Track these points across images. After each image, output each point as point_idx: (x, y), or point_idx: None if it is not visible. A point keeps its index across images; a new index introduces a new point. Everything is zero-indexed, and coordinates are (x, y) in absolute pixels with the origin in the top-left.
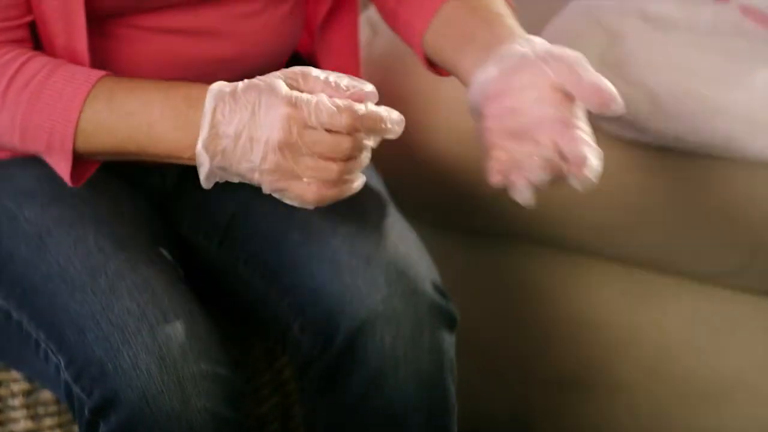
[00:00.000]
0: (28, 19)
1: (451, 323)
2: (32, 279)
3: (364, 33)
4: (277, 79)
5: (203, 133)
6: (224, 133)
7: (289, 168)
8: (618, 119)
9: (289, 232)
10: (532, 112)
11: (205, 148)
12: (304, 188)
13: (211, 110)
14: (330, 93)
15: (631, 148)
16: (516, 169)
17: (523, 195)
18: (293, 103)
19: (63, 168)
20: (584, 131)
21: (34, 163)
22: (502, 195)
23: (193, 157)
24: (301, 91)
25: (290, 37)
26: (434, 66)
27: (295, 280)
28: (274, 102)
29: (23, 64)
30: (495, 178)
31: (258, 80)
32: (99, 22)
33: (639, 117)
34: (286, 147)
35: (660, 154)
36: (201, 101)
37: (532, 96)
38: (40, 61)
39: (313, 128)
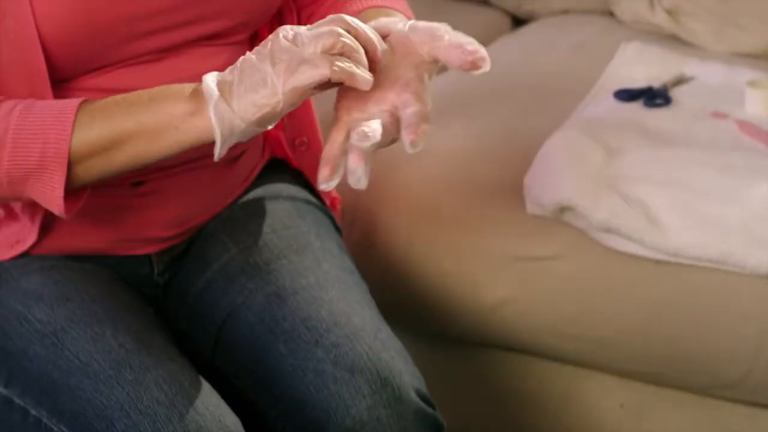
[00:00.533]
0: None
1: (437, 430)
2: (51, 375)
3: None
4: None
5: (210, 75)
6: (230, 73)
7: (297, 52)
8: (617, 234)
9: (273, 344)
10: (381, 75)
11: (213, 82)
12: (314, 62)
13: (214, 74)
14: None
15: (629, 261)
16: (348, 151)
17: (355, 175)
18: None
19: (56, 184)
20: (421, 94)
21: (33, 266)
22: (502, 307)
23: (192, 107)
24: None
25: None
26: None
27: (283, 391)
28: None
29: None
30: (324, 170)
31: None
32: (57, 87)
33: (637, 231)
34: (290, 40)
35: (658, 268)
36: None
37: (386, 61)
38: (15, 100)
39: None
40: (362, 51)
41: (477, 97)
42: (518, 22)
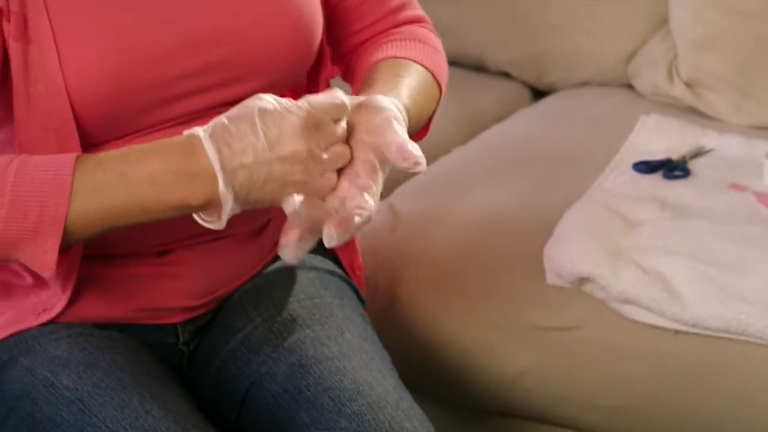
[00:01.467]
0: None
1: None
2: None
3: (385, 219)
4: (262, 97)
5: (220, 176)
6: (241, 164)
7: (313, 171)
8: (636, 304)
9: (297, 413)
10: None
11: (227, 186)
12: (330, 177)
13: (216, 152)
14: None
15: (648, 331)
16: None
17: (288, 249)
18: (297, 109)
19: (50, 248)
20: (369, 187)
21: (59, 333)
22: (522, 377)
23: (201, 204)
24: None
25: None
26: None
27: None
28: (282, 116)
29: None
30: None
31: (242, 106)
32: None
33: (656, 302)
34: (312, 153)
35: (677, 338)
36: (197, 148)
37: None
38: (10, 154)
39: (325, 124)
40: None
41: (498, 167)
42: (538, 94)
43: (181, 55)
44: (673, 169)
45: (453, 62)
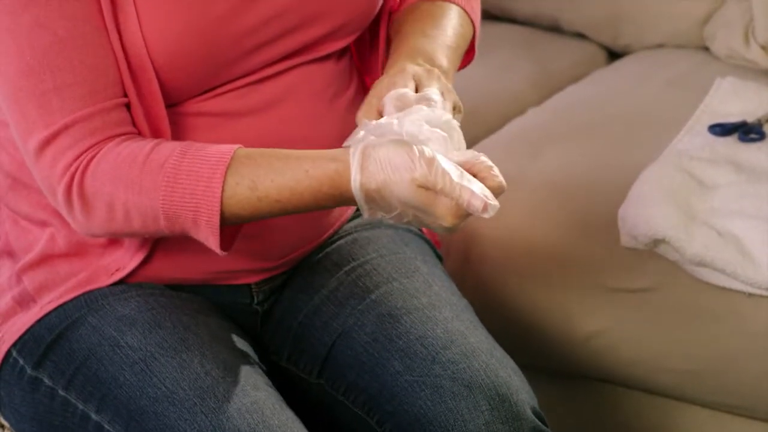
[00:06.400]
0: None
1: None
2: (139, 402)
3: None
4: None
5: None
6: (385, 209)
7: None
8: (710, 267)
9: (389, 361)
10: None
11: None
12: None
13: (364, 200)
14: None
15: (722, 294)
16: None
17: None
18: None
19: (212, 242)
20: None
21: (130, 293)
22: (595, 339)
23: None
24: None
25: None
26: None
27: (397, 407)
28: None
29: (156, 145)
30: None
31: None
32: (168, 112)
33: (730, 265)
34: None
35: (750, 301)
36: (346, 186)
37: None
38: (170, 144)
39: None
40: None
41: (572, 129)
42: (613, 55)
43: (257, 4)
44: (748, 132)
45: (528, 23)
